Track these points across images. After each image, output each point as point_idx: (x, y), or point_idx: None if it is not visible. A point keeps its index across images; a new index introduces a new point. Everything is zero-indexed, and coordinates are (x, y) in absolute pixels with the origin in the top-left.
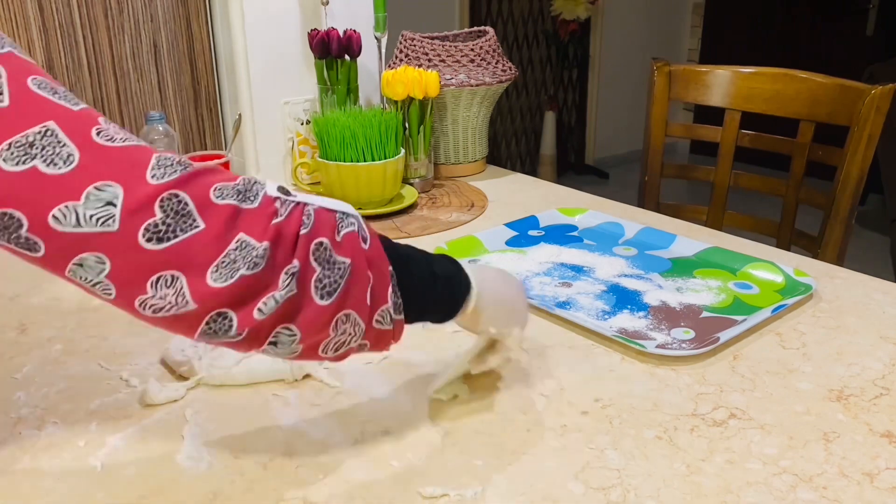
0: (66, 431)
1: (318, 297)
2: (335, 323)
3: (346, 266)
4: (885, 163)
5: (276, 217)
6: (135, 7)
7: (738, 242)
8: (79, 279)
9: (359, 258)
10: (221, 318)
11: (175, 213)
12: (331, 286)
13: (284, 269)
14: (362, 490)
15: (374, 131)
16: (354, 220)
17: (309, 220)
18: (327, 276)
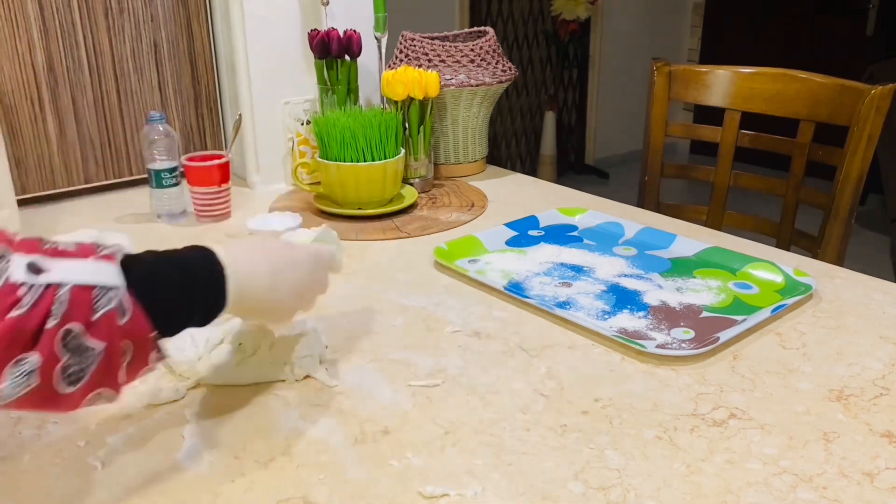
0: (66, 431)
1: (65, 384)
2: (87, 400)
3: (99, 351)
4: (885, 163)
5: (15, 309)
6: (135, 7)
7: (737, 242)
8: None
9: (115, 338)
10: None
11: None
12: (78, 374)
13: (17, 362)
14: (362, 490)
15: (374, 131)
16: (115, 292)
17: (59, 308)
18: (76, 363)
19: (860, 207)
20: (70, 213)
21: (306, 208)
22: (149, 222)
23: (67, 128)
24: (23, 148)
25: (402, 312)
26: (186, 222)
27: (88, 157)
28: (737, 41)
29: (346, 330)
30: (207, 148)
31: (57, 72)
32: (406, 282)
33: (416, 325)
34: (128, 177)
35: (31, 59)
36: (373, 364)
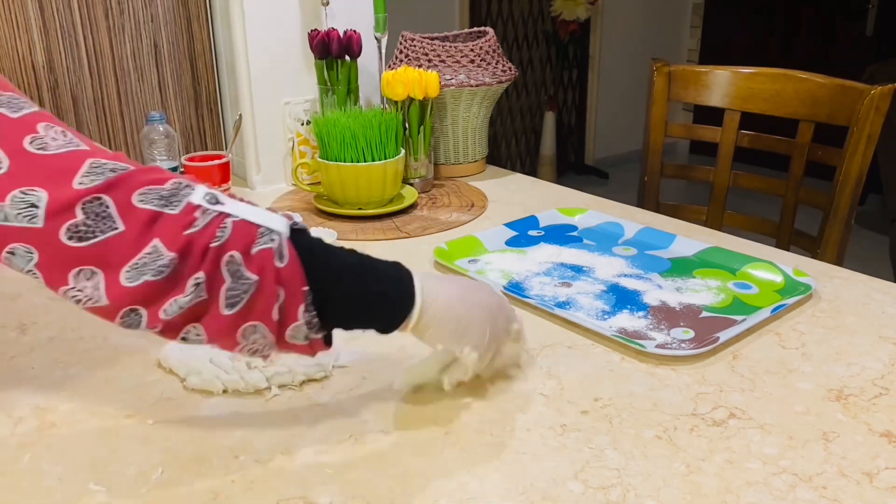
0: (67, 431)
1: (224, 306)
2: (242, 331)
3: (253, 282)
4: (884, 163)
5: (191, 227)
6: (135, 7)
7: (737, 242)
8: (13, 266)
9: (268, 275)
10: (133, 313)
11: (96, 216)
12: (234, 298)
13: (192, 277)
14: (362, 490)
15: (374, 132)
16: (277, 236)
17: (223, 234)
18: (233, 287)
19: (860, 207)
20: None
21: (306, 208)
22: None
23: None
24: None
25: None
26: None
27: None
28: (737, 41)
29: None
30: (207, 148)
31: (57, 72)
32: None
33: None
34: None
35: (31, 59)
36: (373, 364)
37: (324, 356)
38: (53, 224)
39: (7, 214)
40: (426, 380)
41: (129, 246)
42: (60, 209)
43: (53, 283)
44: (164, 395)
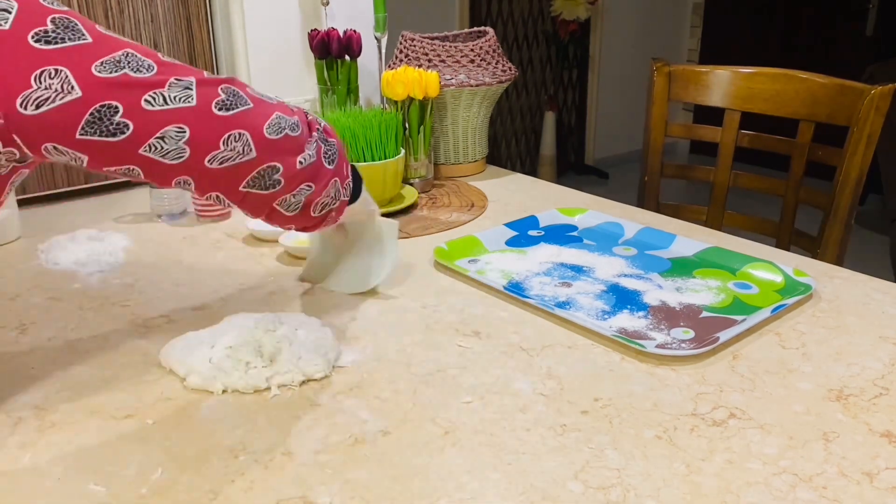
0: (67, 431)
1: (327, 163)
2: (329, 186)
3: (335, 144)
4: (884, 163)
5: (292, 109)
6: (135, 7)
7: (737, 242)
8: (154, 151)
9: (338, 140)
10: (272, 169)
11: (233, 95)
12: (332, 156)
13: (309, 139)
14: (362, 490)
15: (374, 131)
16: (322, 120)
17: (307, 113)
18: (329, 149)
19: (860, 207)
20: (70, 213)
21: None
22: (149, 222)
23: None
24: None
25: (401, 312)
26: (186, 222)
27: None
28: (737, 41)
29: (345, 330)
30: None
31: None
32: (406, 282)
33: (416, 326)
34: None
35: None
36: (372, 364)
37: (321, 357)
38: (205, 100)
39: (168, 97)
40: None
41: (262, 113)
42: (208, 89)
43: (200, 153)
44: (164, 395)
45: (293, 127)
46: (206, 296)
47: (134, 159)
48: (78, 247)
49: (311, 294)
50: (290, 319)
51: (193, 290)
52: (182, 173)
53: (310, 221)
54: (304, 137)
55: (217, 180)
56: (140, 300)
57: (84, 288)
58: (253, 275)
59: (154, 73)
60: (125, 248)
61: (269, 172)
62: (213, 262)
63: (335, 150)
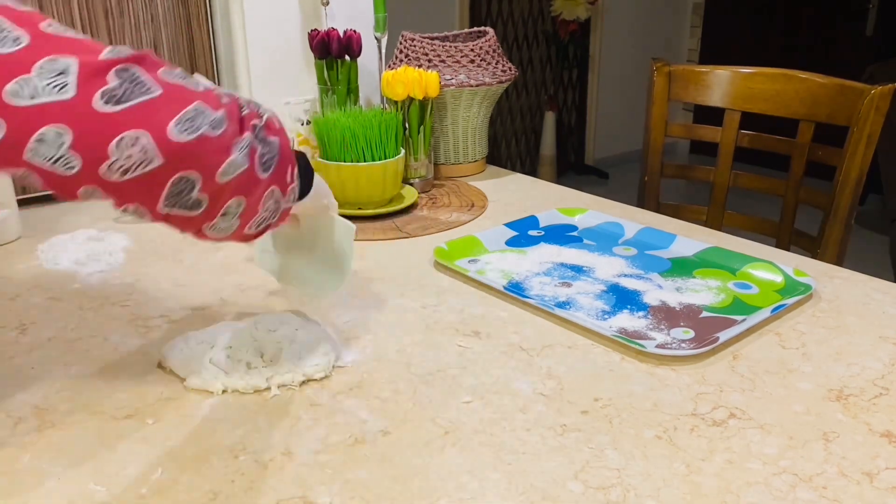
0: (67, 431)
1: (262, 170)
2: (265, 198)
3: (276, 144)
4: (884, 163)
5: (221, 98)
6: (135, 8)
7: (737, 242)
8: (40, 159)
9: (282, 139)
10: (185, 181)
11: (130, 82)
12: (269, 161)
13: (237, 140)
14: (362, 490)
15: (374, 132)
16: (267, 110)
17: (245, 106)
18: (266, 152)
19: (860, 207)
20: (70, 213)
21: None
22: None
23: None
24: None
25: (401, 312)
26: None
27: None
28: (737, 41)
29: (345, 330)
30: None
31: None
32: (406, 282)
33: (416, 326)
34: None
35: None
36: (372, 364)
37: (321, 357)
38: (87, 90)
39: (35, 87)
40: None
41: (171, 104)
42: (93, 74)
43: (92, 163)
44: (164, 395)
45: (215, 124)
46: (206, 296)
47: (22, 165)
48: (78, 247)
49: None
50: (290, 319)
51: (193, 290)
52: (84, 184)
53: (246, 238)
54: (229, 138)
55: (128, 193)
56: (140, 300)
57: (84, 288)
58: (253, 275)
59: (21, 48)
60: (125, 248)
61: (186, 187)
62: (213, 262)
63: (275, 152)
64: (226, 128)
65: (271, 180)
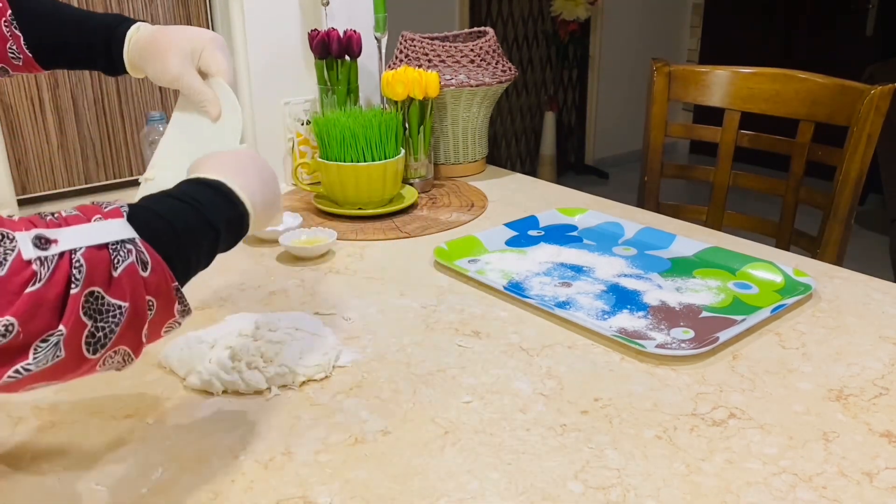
0: (67, 431)
1: (89, 352)
2: (104, 360)
3: (123, 310)
4: (884, 163)
5: (32, 283)
6: (135, 8)
7: (737, 242)
8: None
9: (138, 293)
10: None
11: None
12: (104, 339)
13: (41, 338)
14: (362, 490)
15: (374, 131)
16: (132, 245)
17: (80, 273)
18: (101, 328)
19: (860, 207)
20: None
21: (306, 208)
22: None
23: (68, 127)
24: (23, 147)
25: (401, 312)
26: None
27: (88, 156)
28: (737, 41)
29: (345, 330)
30: None
31: (57, 72)
32: (406, 282)
33: (416, 325)
34: (128, 177)
35: None
36: (372, 364)
37: (321, 357)
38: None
39: None
40: None
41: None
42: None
43: None
44: (164, 395)
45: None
46: (206, 296)
47: None
48: None
49: (311, 294)
50: (290, 319)
51: (193, 290)
52: None
53: None
54: (13, 348)
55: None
56: None
57: None
58: (253, 275)
59: None
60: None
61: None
62: (213, 262)
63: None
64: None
65: (107, 351)
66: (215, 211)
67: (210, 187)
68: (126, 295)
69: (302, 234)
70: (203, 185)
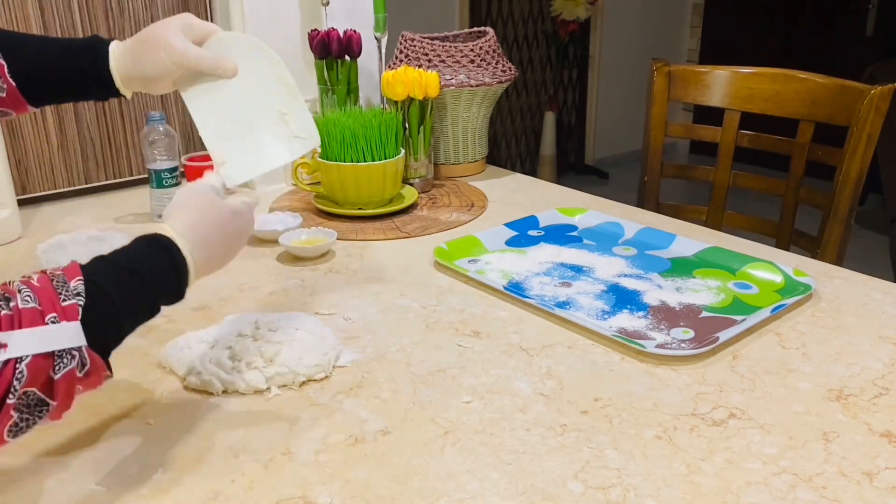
0: (67, 431)
1: (9, 437)
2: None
3: (51, 407)
4: (884, 163)
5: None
6: (135, 7)
7: (737, 242)
8: None
9: (69, 392)
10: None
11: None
12: (25, 428)
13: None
14: (362, 490)
15: (374, 132)
16: (77, 352)
17: (20, 381)
18: (24, 419)
19: (860, 207)
20: (70, 213)
21: (306, 208)
22: (149, 222)
23: (68, 127)
24: (23, 148)
25: (401, 312)
26: None
27: (88, 156)
28: (737, 41)
29: (345, 330)
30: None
31: None
32: (406, 282)
33: (416, 325)
34: (128, 177)
35: None
36: (372, 364)
37: (321, 357)
38: None
39: None
40: None
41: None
42: None
43: None
44: (164, 395)
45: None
46: (206, 296)
47: None
48: (78, 247)
49: (311, 294)
50: (290, 319)
51: (193, 290)
52: None
53: None
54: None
55: None
56: None
57: None
58: (253, 275)
59: None
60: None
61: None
62: None
63: (43, 413)
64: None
65: (28, 429)
66: (163, 287)
67: (165, 255)
68: (57, 396)
69: (302, 234)
70: (158, 251)
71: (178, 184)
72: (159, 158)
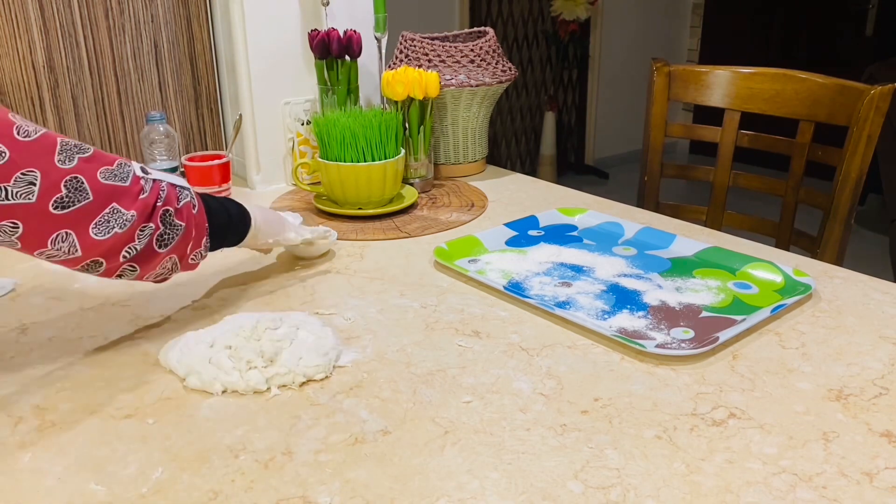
0: (67, 431)
1: (158, 246)
2: (161, 264)
3: (181, 228)
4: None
5: (141, 193)
6: (135, 7)
7: (737, 242)
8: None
9: (190, 222)
10: (96, 264)
11: (75, 190)
12: (168, 241)
13: (141, 228)
14: (362, 490)
15: (374, 132)
16: (188, 193)
17: (163, 194)
18: (167, 233)
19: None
20: None
21: (306, 208)
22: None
23: (68, 127)
24: None
25: (401, 312)
26: None
27: None
28: (737, 41)
29: (345, 330)
30: (208, 148)
31: (57, 71)
32: (406, 282)
33: (415, 325)
34: None
35: (31, 59)
36: (373, 364)
37: (321, 357)
38: (45, 198)
39: (10, 193)
40: None
41: (94, 210)
42: (50, 186)
43: (30, 249)
44: (164, 395)
45: (124, 223)
46: (206, 296)
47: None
48: None
49: (311, 294)
50: (290, 319)
51: (193, 290)
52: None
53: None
54: (133, 230)
55: (51, 259)
56: (140, 300)
57: (84, 288)
58: (253, 275)
59: (4, 162)
60: None
61: (94, 266)
62: (213, 262)
63: (178, 233)
64: (133, 223)
65: (170, 252)
66: (233, 207)
67: (237, 205)
68: (183, 219)
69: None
70: (235, 203)
71: None
72: (159, 158)
